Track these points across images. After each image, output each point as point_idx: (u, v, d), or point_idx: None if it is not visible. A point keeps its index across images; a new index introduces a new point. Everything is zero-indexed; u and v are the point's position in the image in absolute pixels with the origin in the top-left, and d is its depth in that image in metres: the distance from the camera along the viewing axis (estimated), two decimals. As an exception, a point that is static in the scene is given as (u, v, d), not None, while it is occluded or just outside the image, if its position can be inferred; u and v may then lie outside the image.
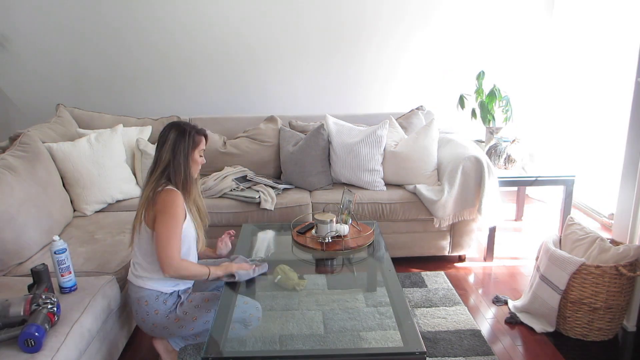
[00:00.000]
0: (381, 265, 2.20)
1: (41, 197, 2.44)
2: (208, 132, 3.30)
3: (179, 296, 2.01)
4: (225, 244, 2.25)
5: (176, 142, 1.92)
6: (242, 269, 2.00)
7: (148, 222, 1.88)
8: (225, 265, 2.00)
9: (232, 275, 1.97)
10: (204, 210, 2.10)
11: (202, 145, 2.02)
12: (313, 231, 2.38)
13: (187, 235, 1.96)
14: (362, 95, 4.07)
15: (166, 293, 1.97)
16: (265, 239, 2.52)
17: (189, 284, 2.08)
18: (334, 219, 2.29)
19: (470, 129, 3.85)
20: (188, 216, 1.97)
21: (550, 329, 2.38)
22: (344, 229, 2.35)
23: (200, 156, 2.02)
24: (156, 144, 1.97)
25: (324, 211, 2.65)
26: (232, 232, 2.32)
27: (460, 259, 3.20)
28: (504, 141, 3.28)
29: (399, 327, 1.73)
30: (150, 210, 1.87)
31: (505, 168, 3.21)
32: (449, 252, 3.12)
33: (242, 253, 2.25)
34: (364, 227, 2.49)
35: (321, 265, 2.34)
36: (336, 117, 3.39)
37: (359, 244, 2.30)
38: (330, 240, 2.27)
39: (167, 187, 1.89)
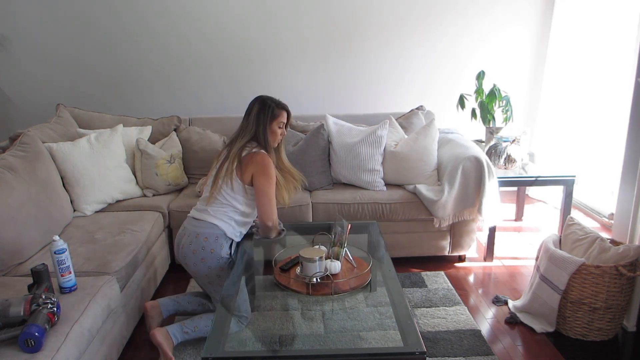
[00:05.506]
0: (381, 265, 2.20)
1: (41, 197, 2.44)
2: (208, 131, 3.40)
3: (231, 248, 2.23)
4: None
5: (259, 112, 2.23)
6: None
7: (240, 176, 2.15)
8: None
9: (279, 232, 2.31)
10: (295, 172, 2.39)
11: (282, 119, 2.26)
12: (297, 270, 2.01)
13: None
14: (362, 95, 4.07)
15: (227, 237, 2.20)
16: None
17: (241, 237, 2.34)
18: (323, 256, 1.96)
19: (470, 129, 3.85)
20: None
21: (550, 329, 2.38)
22: (335, 266, 2.02)
23: (280, 128, 2.26)
24: (244, 114, 2.28)
25: (313, 242, 2.30)
26: None
27: (460, 259, 3.20)
28: (504, 141, 3.27)
29: (399, 327, 1.73)
30: (241, 166, 2.14)
31: (505, 168, 3.21)
32: (449, 252, 3.12)
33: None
34: (359, 262, 2.16)
35: (306, 311, 2.05)
36: (336, 117, 3.39)
37: (352, 286, 1.94)
38: (318, 282, 1.94)
39: (262, 151, 2.19)
